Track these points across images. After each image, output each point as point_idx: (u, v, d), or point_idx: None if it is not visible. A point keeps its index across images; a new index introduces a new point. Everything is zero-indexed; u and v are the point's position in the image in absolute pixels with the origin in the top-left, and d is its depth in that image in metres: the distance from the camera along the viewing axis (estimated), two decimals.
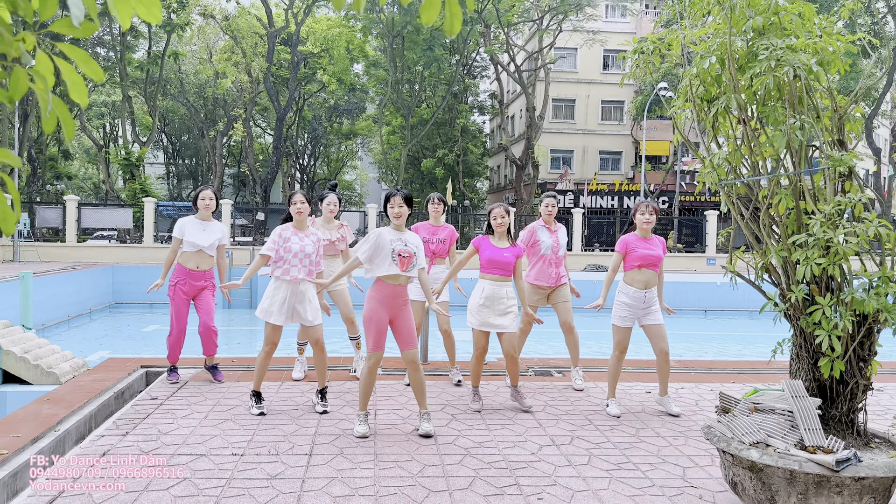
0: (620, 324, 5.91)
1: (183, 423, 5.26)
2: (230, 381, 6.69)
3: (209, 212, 6.61)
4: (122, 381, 6.60)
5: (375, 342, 5.08)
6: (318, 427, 5.27)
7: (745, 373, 7.71)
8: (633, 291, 5.85)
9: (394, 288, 5.12)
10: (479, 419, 5.60)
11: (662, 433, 5.37)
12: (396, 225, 5.21)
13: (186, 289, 6.46)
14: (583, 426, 5.48)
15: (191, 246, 6.46)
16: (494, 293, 5.80)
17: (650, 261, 5.84)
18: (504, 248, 5.87)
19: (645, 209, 5.91)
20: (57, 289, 17.76)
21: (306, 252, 5.68)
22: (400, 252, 5.07)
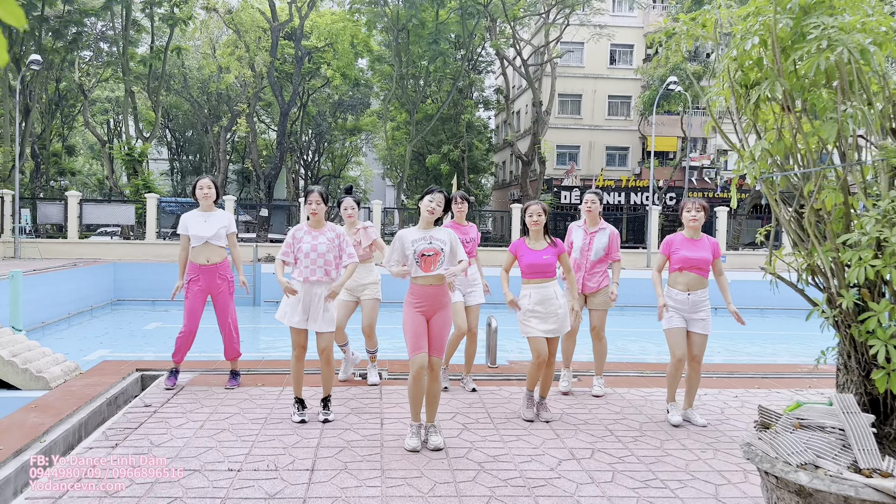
0: (669, 325, 5.57)
1: (177, 434, 4.93)
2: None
3: (210, 201, 6.28)
4: (116, 386, 6.27)
5: (414, 343, 4.77)
6: (321, 438, 4.93)
7: (770, 377, 7.35)
8: (675, 293, 5.53)
9: (425, 290, 4.81)
10: (493, 429, 5.26)
11: (689, 445, 5.02)
12: (427, 221, 4.87)
13: (201, 285, 6.17)
14: (603, 437, 5.13)
15: (196, 239, 6.17)
16: (543, 296, 5.45)
17: (692, 264, 5.48)
18: (542, 249, 5.51)
19: (692, 206, 5.54)
20: (57, 286, 17.51)
21: (319, 252, 5.33)
22: (423, 251, 4.74)
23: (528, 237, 5.61)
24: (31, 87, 29.62)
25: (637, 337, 16.07)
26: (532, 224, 5.53)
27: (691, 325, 5.56)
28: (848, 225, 3.68)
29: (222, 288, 6.24)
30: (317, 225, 5.47)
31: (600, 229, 6.45)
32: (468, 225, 6.56)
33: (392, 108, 37.77)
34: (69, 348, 13.82)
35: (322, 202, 5.46)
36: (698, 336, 5.56)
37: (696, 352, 5.58)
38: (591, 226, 6.46)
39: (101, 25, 33.84)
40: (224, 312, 6.28)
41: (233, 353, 6.41)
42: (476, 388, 6.44)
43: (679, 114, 39.15)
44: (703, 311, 5.56)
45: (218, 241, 6.20)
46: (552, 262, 5.48)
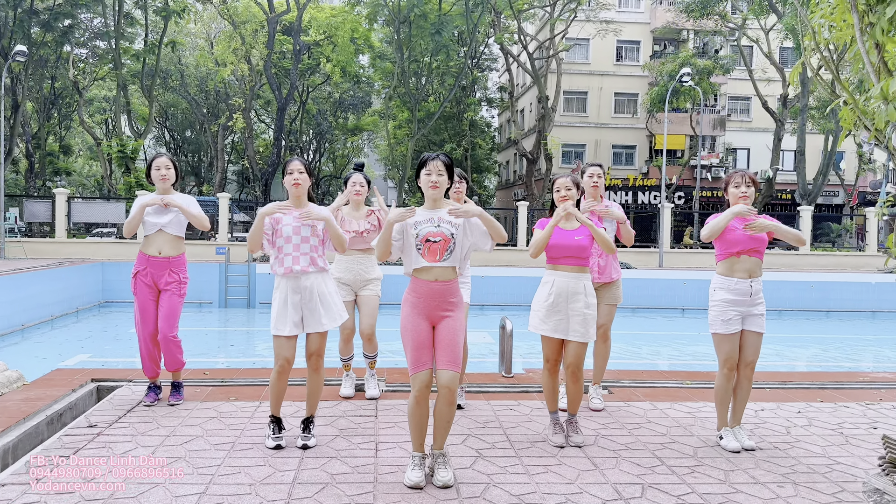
0: (724, 329, 4.52)
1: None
2: (195, 400, 5.32)
3: (167, 184, 5.22)
4: (62, 401, 5.26)
5: (415, 359, 3.76)
6: (298, 471, 3.90)
7: (828, 387, 6.31)
8: (734, 283, 4.48)
9: (429, 286, 3.78)
10: (514, 457, 4.23)
11: (760, 478, 4.00)
12: (432, 199, 3.85)
13: (149, 280, 5.13)
14: (653, 468, 4.10)
15: (149, 227, 5.14)
16: (568, 288, 4.44)
17: (752, 245, 4.47)
18: (573, 229, 4.51)
19: (741, 180, 4.52)
20: (40, 286, 16.58)
21: (303, 235, 4.32)
22: (427, 236, 3.73)
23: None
24: (18, 80, 28.66)
25: (648, 340, 15.03)
26: (560, 200, 4.52)
27: (748, 324, 4.55)
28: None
29: (171, 286, 5.16)
30: (298, 203, 4.45)
31: (606, 205, 5.43)
32: None
33: (394, 105, 36.80)
34: (47, 353, 12.87)
35: (306, 173, 4.44)
36: (755, 336, 4.56)
37: (751, 356, 4.58)
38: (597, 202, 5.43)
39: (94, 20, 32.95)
40: (167, 318, 5.16)
41: (176, 364, 5.28)
42: (462, 404, 5.31)
43: (687, 111, 38.16)
44: (762, 304, 4.57)
45: (173, 229, 5.18)
46: (586, 245, 4.47)
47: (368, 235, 5.41)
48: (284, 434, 4.37)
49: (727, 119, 41.51)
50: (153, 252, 5.12)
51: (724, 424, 4.62)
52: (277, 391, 4.37)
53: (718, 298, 4.52)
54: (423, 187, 3.85)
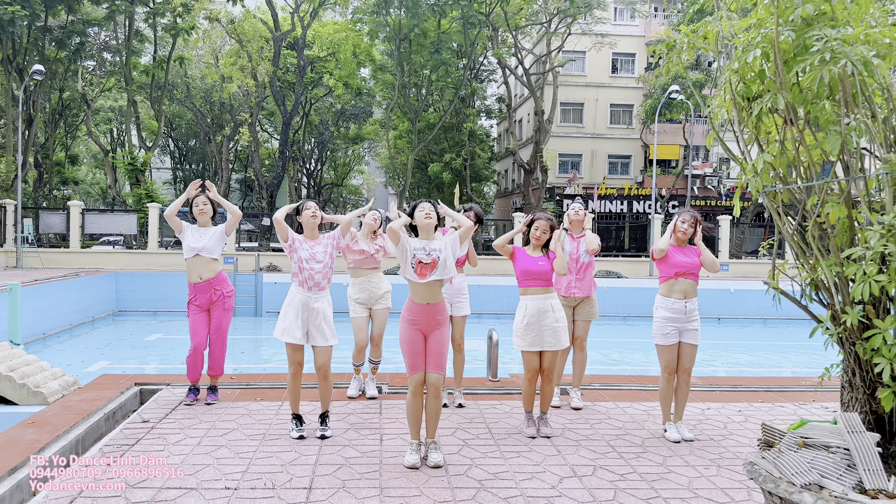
0: (664, 342, 5.49)
1: (174, 451, 4.88)
2: (227, 400, 6.30)
3: (206, 217, 6.24)
4: (114, 401, 6.22)
5: (412, 363, 4.76)
6: (319, 455, 4.87)
7: (773, 391, 7.27)
8: (672, 303, 5.45)
9: (421, 308, 4.77)
10: (493, 445, 5.19)
11: (692, 462, 4.95)
12: (427, 230, 4.83)
13: (199, 303, 6.15)
14: (605, 454, 5.06)
15: (187, 251, 6.12)
16: (539, 308, 5.41)
17: (687, 268, 5.45)
18: (538, 256, 5.50)
19: (687, 217, 5.53)
20: (59, 296, 17.43)
21: (318, 259, 5.30)
22: (421, 260, 4.71)
23: (528, 247, 5.60)
24: (34, 96, 29.70)
25: (636, 348, 15.99)
26: (535, 239, 5.52)
27: (684, 336, 5.51)
28: (852, 239, 3.63)
29: (218, 303, 6.18)
30: (312, 235, 5.44)
31: (583, 235, 6.46)
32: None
33: (394, 116, 37.78)
34: (70, 360, 13.76)
35: (320, 211, 5.47)
36: (689, 347, 5.53)
37: (687, 364, 5.54)
38: (577, 232, 6.45)
39: (105, 35, 33.99)
40: (217, 328, 6.22)
41: (217, 370, 6.32)
42: (463, 403, 6.34)
43: (681, 122, 39.17)
44: (696, 321, 5.54)
45: (209, 253, 6.14)
46: (548, 269, 5.45)
47: (378, 255, 6.42)
48: (305, 427, 5.32)
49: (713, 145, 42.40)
50: (195, 279, 6.10)
51: (668, 419, 5.57)
52: (294, 391, 5.35)
53: (659, 316, 5.49)
54: (419, 222, 4.83)
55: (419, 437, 4.82)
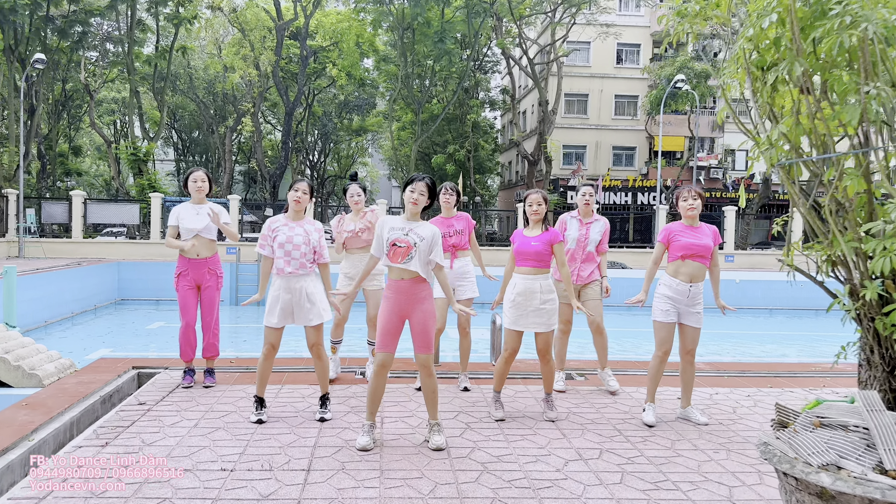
0: (662, 318, 5.34)
1: (170, 433, 4.77)
2: (225, 384, 6.19)
3: (202, 195, 6.11)
4: (111, 384, 6.11)
5: (381, 342, 4.61)
6: (318, 437, 4.76)
7: (782, 376, 7.14)
8: (676, 284, 5.29)
9: (397, 284, 4.60)
10: (497, 429, 5.07)
11: (701, 446, 4.83)
12: (411, 213, 4.66)
13: (190, 279, 6.02)
14: (612, 437, 4.94)
15: (186, 232, 6.01)
16: (527, 288, 5.25)
17: (695, 251, 5.27)
18: (534, 236, 5.33)
19: (688, 194, 5.35)
20: (61, 285, 17.43)
21: (295, 243, 5.14)
22: (395, 241, 4.54)
23: (527, 227, 5.47)
24: (36, 86, 29.60)
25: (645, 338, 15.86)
26: (532, 214, 5.36)
27: (686, 318, 5.36)
28: (871, 214, 3.49)
29: (210, 282, 6.07)
30: (296, 217, 5.31)
31: (595, 220, 6.31)
32: (456, 216, 6.35)
33: (398, 108, 37.62)
34: (72, 347, 13.71)
35: (308, 194, 5.31)
36: (692, 329, 5.38)
37: (690, 346, 5.41)
38: (586, 217, 6.30)
39: (107, 25, 33.84)
40: (210, 308, 6.12)
41: (212, 351, 6.23)
42: (469, 387, 6.23)
43: (686, 113, 38.92)
44: (700, 304, 5.37)
45: (209, 233, 6.05)
46: (541, 251, 5.26)
47: (364, 235, 6.25)
48: (265, 411, 5.16)
49: (726, 121, 42.25)
50: (192, 255, 5.97)
51: (651, 401, 5.42)
52: (264, 372, 5.19)
53: (660, 293, 5.35)
54: (406, 202, 4.66)
55: (373, 418, 4.67)
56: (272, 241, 5.19)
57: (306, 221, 5.30)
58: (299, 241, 5.16)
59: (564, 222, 6.29)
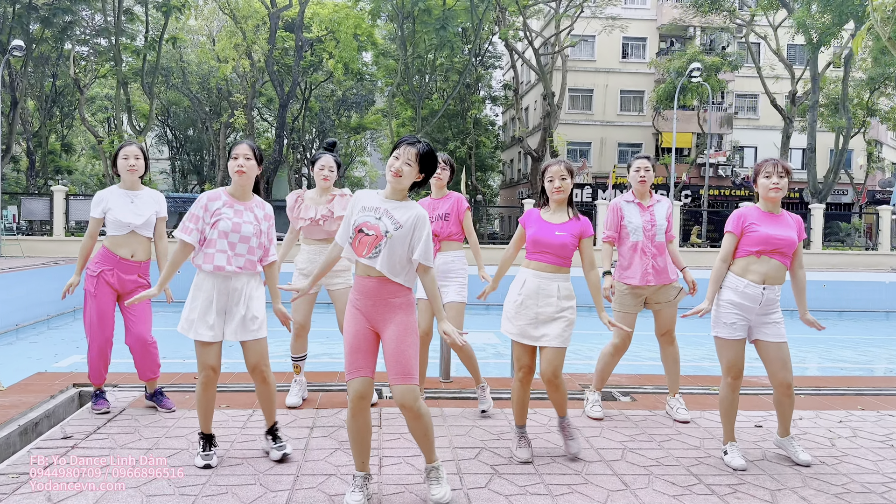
0: (728, 335, 4.02)
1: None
2: (183, 407, 4.89)
3: (136, 175, 4.75)
4: (37, 409, 4.82)
5: (350, 363, 3.29)
6: (293, 490, 3.46)
7: (867, 394, 5.86)
8: (744, 286, 3.97)
9: (363, 282, 3.31)
10: (534, 474, 3.79)
11: (811, 498, 3.55)
12: (393, 188, 3.34)
13: (114, 281, 4.66)
14: (690, 487, 3.66)
15: (118, 227, 4.65)
16: (539, 288, 3.96)
17: (776, 245, 3.95)
18: (558, 223, 4.04)
19: (772, 169, 4.01)
20: (35, 285, 16.23)
21: (243, 234, 3.80)
22: (361, 226, 3.25)
23: (546, 207, 4.16)
24: (17, 79, 28.30)
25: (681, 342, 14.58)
26: (554, 192, 4.04)
27: (761, 333, 4.03)
28: None
29: (136, 291, 4.63)
30: (242, 195, 3.91)
31: (657, 201, 4.98)
32: (445, 197, 5.03)
33: (397, 104, 36.42)
34: (42, 353, 12.49)
35: (254, 160, 3.88)
36: (776, 347, 4.01)
37: (783, 373, 4.01)
38: (645, 198, 4.99)
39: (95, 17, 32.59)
40: (144, 322, 4.75)
41: (152, 372, 4.83)
42: (486, 409, 4.90)
43: (694, 109, 37.69)
44: (777, 313, 4.05)
45: (147, 230, 4.75)
46: (567, 243, 3.97)
47: (325, 224, 4.89)
48: (215, 452, 3.85)
49: (734, 117, 41.06)
50: (125, 254, 4.67)
51: (731, 439, 4.13)
52: (206, 405, 3.85)
53: (724, 299, 4.04)
54: (387, 173, 3.33)
55: (365, 468, 3.36)
56: (209, 226, 3.78)
57: (255, 203, 3.94)
58: (248, 232, 3.81)
59: (619, 209, 4.91)
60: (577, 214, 4.10)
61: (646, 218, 4.83)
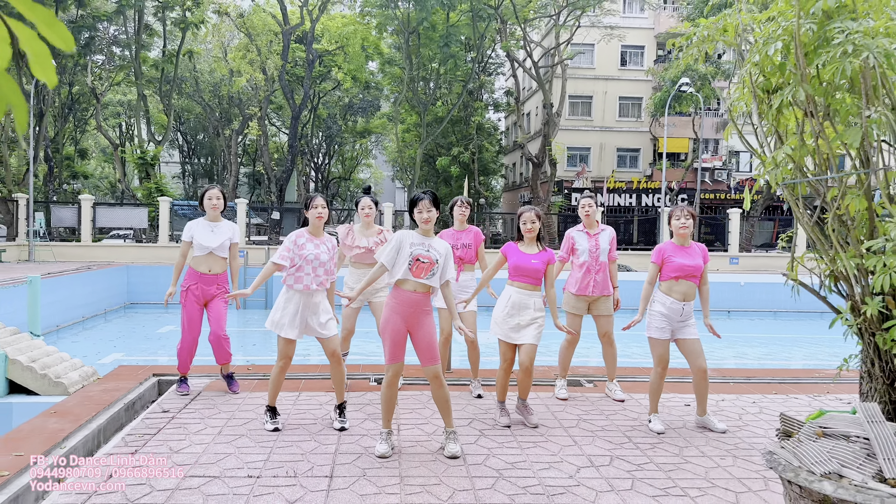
0: (658, 336, 5.50)
1: (195, 440, 4.95)
2: (245, 391, 6.37)
3: (217, 212, 6.29)
4: (133, 392, 6.29)
5: (391, 353, 4.75)
6: (338, 444, 4.93)
7: (787, 382, 7.29)
8: (670, 302, 5.45)
9: (409, 295, 4.73)
10: (510, 436, 5.24)
11: (708, 452, 4.99)
12: (424, 230, 4.84)
13: (199, 293, 6.16)
14: (622, 444, 5.10)
15: (200, 249, 6.16)
16: (521, 302, 5.43)
17: (688, 272, 5.44)
18: (532, 253, 5.50)
19: (680, 213, 5.50)
20: (71, 289, 17.59)
21: (321, 260, 5.28)
22: (419, 256, 4.70)
23: (521, 242, 5.61)
24: (43, 91, 29.85)
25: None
26: (526, 232, 5.53)
27: (682, 333, 5.49)
28: (872, 231, 3.65)
29: (217, 295, 6.22)
30: (318, 232, 5.43)
31: (602, 230, 6.50)
32: (466, 230, 6.56)
33: (402, 110, 37.79)
34: (85, 352, 13.89)
35: (327, 206, 5.43)
36: (692, 342, 5.49)
37: (699, 361, 5.47)
38: (592, 228, 6.47)
39: (114, 30, 34.11)
40: (219, 321, 6.22)
41: (226, 358, 6.35)
42: (482, 394, 6.41)
43: (690, 115, 39.02)
44: (692, 319, 5.54)
45: (222, 252, 6.22)
46: (540, 269, 5.44)
47: (375, 250, 6.39)
48: (279, 419, 5.31)
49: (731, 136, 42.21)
50: (203, 270, 6.16)
51: (654, 411, 5.58)
52: (277, 384, 5.33)
53: (655, 310, 5.51)
54: (418, 221, 4.84)
55: (389, 426, 4.84)
56: (297, 254, 5.26)
57: (326, 238, 5.44)
58: (325, 259, 5.31)
59: (572, 238, 6.47)
60: (544, 247, 5.55)
61: (592, 243, 6.32)
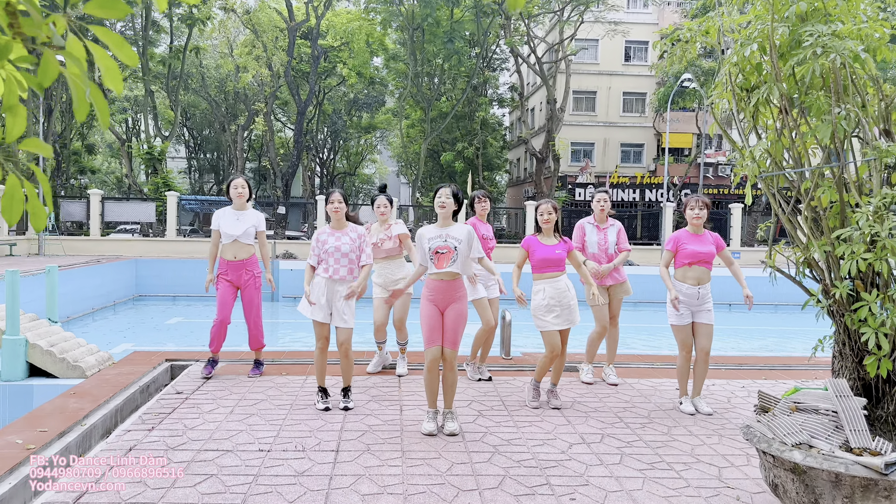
0: (678, 322, 5.81)
1: (209, 418, 5.23)
2: (254, 375, 6.66)
3: (243, 200, 6.62)
4: (147, 375, 6.59)
5: (428, 337, 5.05)
6: (344, 423, 5.21)
7: (777, 369, 7.55)
8: (685, 288, 5.77)
9: (437, 284, 5.06)
10: (507, 416, 5.52)
11: (695, 431, 5.25)
12: (443, 217, 5.14)
13: (230, 278, 6.51)
14: (613, 424, 5.37)
15: (225, 237, 6.51)
16: (556, 289, 5.69)
17: (700, 258, 5.74)
18: (554, 244, 5.78)
19: (695, 204, 5.79)
20: (81, 282, 17.93)
21: (343, 251, 5.55)
22: (437, 249, 5.00)
23: (540, 234, 5.87)
24: (52, 87, 30.17)
25: (649, 333, 16.28)
26: (544, 223, 5.79)
27: (698, 317, 5.81)
28: (843, 221, 3.89)
29: (249, 282, 6.56)
30: (338, 225, 5.71)
31: (610, 225, 6.75)
32: (486, 226, 6.85)
33: (407, 106, 38.00)
34: (96, 341, 14.07)
35: (344, 202, 5.71)
36: (706, 326, 5.80)
37: (704, 342, 5.81)
38: (602, 222, 6.74)
39: (121, 26, 34.41)
40: (250, 305, 6.61)
41: (257, 344, 6.74)
42: (491, 377, 6.70)
43: (694, 110, 39.15)
44: (709, 303, 5.82)
45: (246, 239, 6.52)
46: (563, 257, 5.74)
47: (382, 245, 6.68)
48: (330, 400, 5.65)
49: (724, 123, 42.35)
50: (230, 257, 6.48)
51: (685, 394, 5.87)
52: (321, 365, 5.66)
53: (673, 297, 5.76)
54: (436, 207, 5.15)
55: (435, 405, 5.14)
56: (321, 250, 5.58)
57: (350, 229, 5.68)
58: (346, 250, 5.56)
59: (583, 228, 6.75)
60: (562, 237, 5.83)
61: (601, 237, 6.59)
